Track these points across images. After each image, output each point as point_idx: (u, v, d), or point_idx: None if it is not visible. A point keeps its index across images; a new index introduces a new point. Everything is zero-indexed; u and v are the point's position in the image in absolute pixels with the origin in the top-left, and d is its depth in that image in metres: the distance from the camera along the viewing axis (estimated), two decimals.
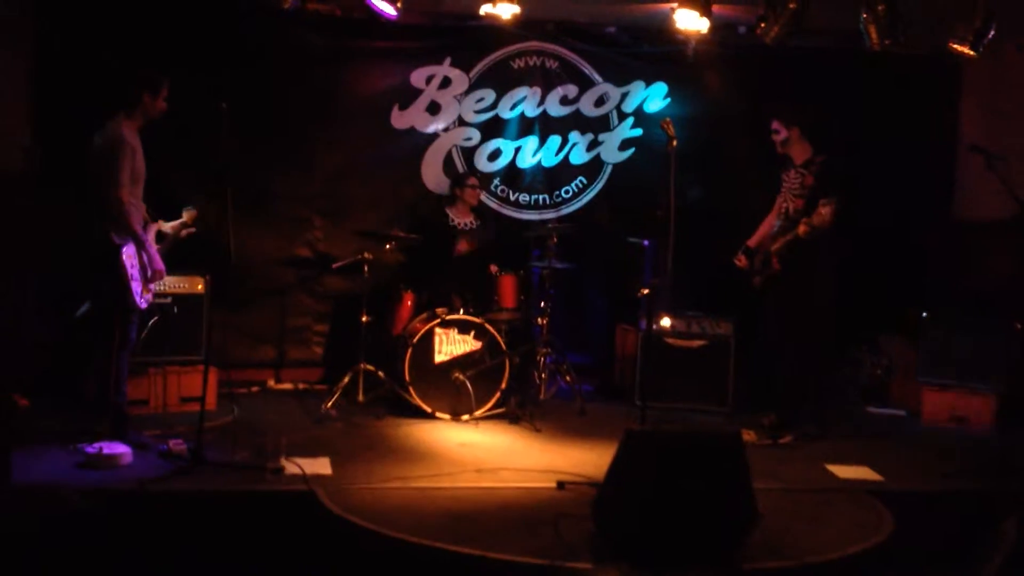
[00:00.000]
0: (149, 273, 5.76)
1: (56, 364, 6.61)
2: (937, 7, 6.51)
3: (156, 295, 6.22)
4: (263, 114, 7.33)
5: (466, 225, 7.64)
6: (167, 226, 6.13)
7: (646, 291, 6.17)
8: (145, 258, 5.74)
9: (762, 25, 6.59)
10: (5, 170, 6.73)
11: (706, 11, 6.41)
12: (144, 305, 5.83)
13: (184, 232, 6.17)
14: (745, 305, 7.03)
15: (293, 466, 5.34)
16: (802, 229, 6.16)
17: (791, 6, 6.38)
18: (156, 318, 6.47)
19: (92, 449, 5.31)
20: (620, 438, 4.56)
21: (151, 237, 5.89)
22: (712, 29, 6.80)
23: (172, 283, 6.66)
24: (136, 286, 5.70)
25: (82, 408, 5.93)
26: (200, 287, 6.83)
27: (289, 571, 4.72)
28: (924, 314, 7.47)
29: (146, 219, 5.91)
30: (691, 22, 6.56)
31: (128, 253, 5.65)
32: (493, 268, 7.34)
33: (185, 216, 6.19)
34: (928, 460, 6.27)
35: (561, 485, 5.28)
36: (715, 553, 4.36)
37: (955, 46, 6.53)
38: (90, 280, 5.91)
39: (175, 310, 6.69)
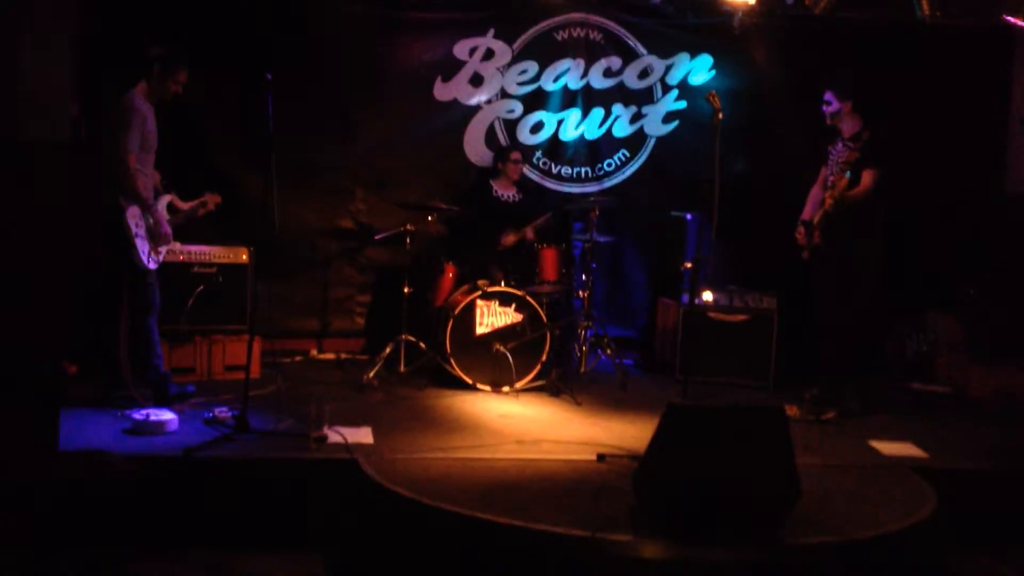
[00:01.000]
0: (157, 237, 5.83)
1: (101, 330, 6.71)
2: None
3: (201, 264, 6.29)
4: (306, 85, 7.36)
5: (509, 198, 7.64)
6: (184, 204, 6.18)
7: (689, 265, 6.15)
8: (151, 221, 5.80)
9: None
10: (52, 140, 6.81)
11: None
12: (153, 266, 5.86)
13: (201, 211, 6.23)
14: (789, 279, 6.98)
15: (336, 435, 5.39)
16: (828, 203, 6.09)
17: None
18: (201, 287, 6.54)
19: (139, 415, 5.40)
20: (661, 412, 4.55)
21: (161, 206, 5.94)
22: (759, 0, 6.71)
23: (217, 253, 6.73)
24: (143, 245, 5.75)
25: (115, 374, 6.01)
26: (244, 257, 6.89)
27: (331, 539, 4.79)
28: (972, 290, 7.36)
29: (158, 188, 5.97)
30: None
31: (132, 213, 5.72)
32: (529, 233, 7.34)
33: (207, 198, 6.24)
34: (973, 437, 6.19)
35: (601, 457, 5.29)
36: (756, 528, 4.35)
37: (1008, 17, 6.39)
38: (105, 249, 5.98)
39: (220, 280, 6.76)
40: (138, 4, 7.04)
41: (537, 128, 8.08)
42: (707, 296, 7.29)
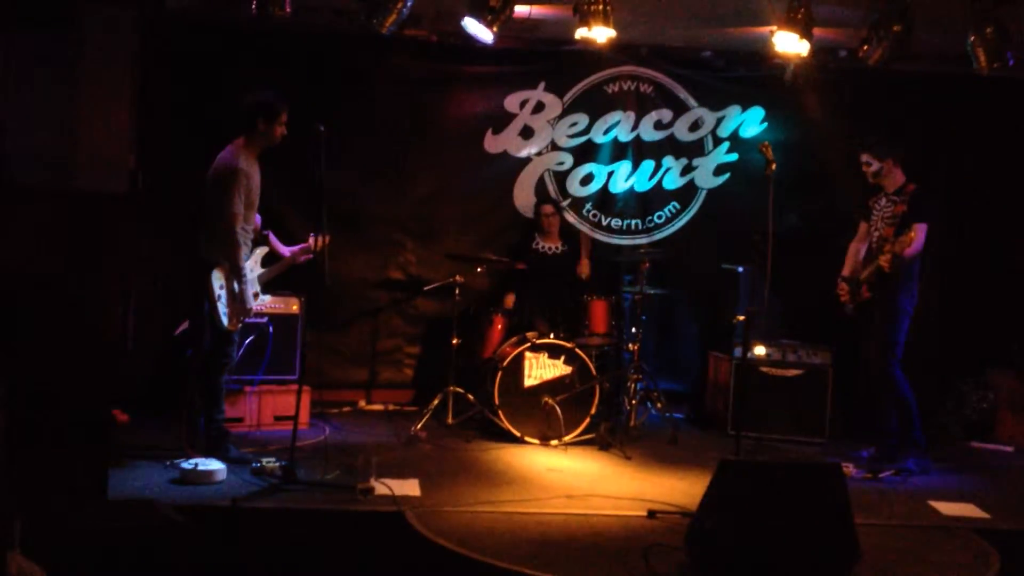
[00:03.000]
0: (237, 305, 5.77)
1: (155, 381, 6.76)
2: None
3: (254, 314, 6.30)
4: (358, 136, 7.45)
5: (551, 250, 7.63)
6: (286, 250, 6.15)
7: (741, 318, 6.07)
8: (236, 288, 5.76)
9: (865, 48, 6.45)
10: (111, 192, 6.93)
11: (807, 34, 6.29)
12: (236, 325, 5.86)
13: (303, 257, 6.14)
14: (843, 333, 6.86)
15: (383, 487, 5.35)
16: (885, 259, 6.00)
17: (895, 29, 6.23)
18: (252, 337, 6.57)
19: (187, 465, 5.40)
20: (714, 468, 4.46)
21: (253, 261, 5.94)
22: (812, 52, 6.67)
23: (268, 303, 6.77)
24: (223, 308, 5.74)
25: (179, 424, 6.04)
26: (295, 307, 6.92)
27: None
28: None
29: (256, 238, 5.97)
30: (791, 45, 6.44)
31: (217, 275, 5.72)
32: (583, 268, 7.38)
33: (310, 242, 6.11)
34: None
35: (652, 514, 5.19)
36: None
37: None
38: (188, 300, 6.02)
39: (271, 330, 6.79)
40: (196, 56, 7.18)
41: (587, 180, 8.08)
42: (759, 350, 7.19)
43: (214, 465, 5.43)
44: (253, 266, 5.93)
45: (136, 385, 6.53)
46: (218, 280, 5.72)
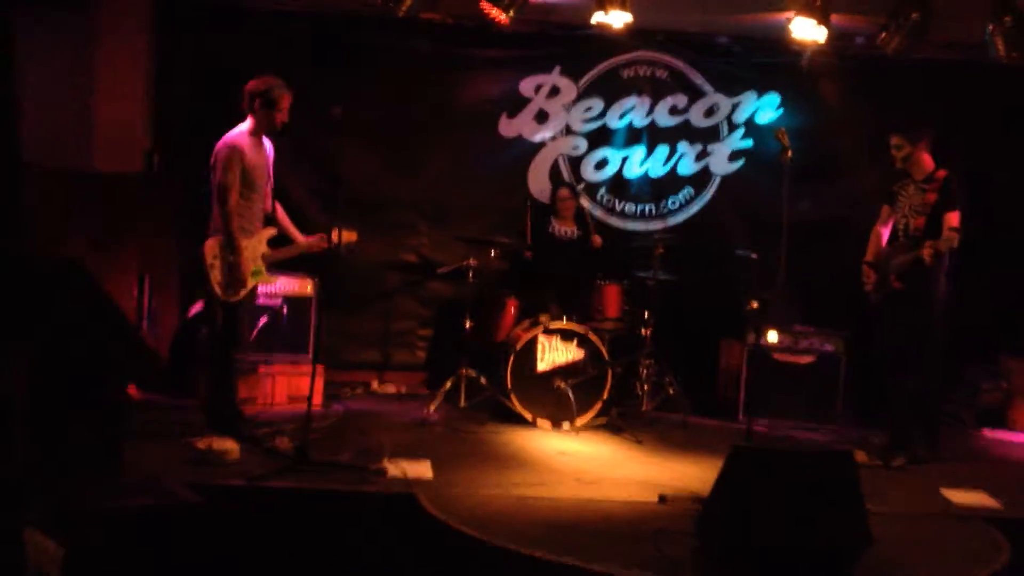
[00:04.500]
0: (232, 277, 5.78)
1: (171, 360, 6.80)
2: None
3: (268, 295, 6.33)
4: (373, 120, 7.44)
5: (566, 234, 7.63)
6: (301, 236, 6.12)
7: (755, 304, 6.07)
8: (231, 259, 5.75)
9: (883, 35, 6.43)
10: (126, 172, 6.97)
11: (824, 20, 6.27)
12: (234, 298, 5.82)
13: (318, 247, 6.09)
14: (856, 321, 6.84)
15: (395, 468, 5.37)
16: (927, 252, 5.92)
17: (914, 16, 6.21)
18: (266, 318, 6.60)
19: (202, 444, 5.43)
20: (726, 454, 4.46)
21: (257, 239, 5.93)
22: (829, 39, 6.64)
23: (282, 285, 6.79)
24: (219, 276, 5.75)
25: (193, 403, 6.08)
26: (309, 289, 6.94)
27: (387, 572, 4.75)
28: None
29: (265, 217, 5.99)
30: (808, 31, 6.43)
31: (210, 244, 5.73)
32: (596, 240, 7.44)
33: (332, 236, 5.92)
34: None
35: (663, 499, 5.20)
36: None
37: None
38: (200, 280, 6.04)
39: (285, 311, 6.81)
40: (210, 41, 7.19)
41: (601, 165, 8.07)
42: (772, 336, 7.18)
43: (228, 444, 5.45)
44: (256, 244, 5.92)
45: (152, 364, 6.56)
46: (211, 251, 5.74)
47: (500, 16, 6.53)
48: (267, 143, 5.97)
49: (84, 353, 4.62)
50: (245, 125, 5.85)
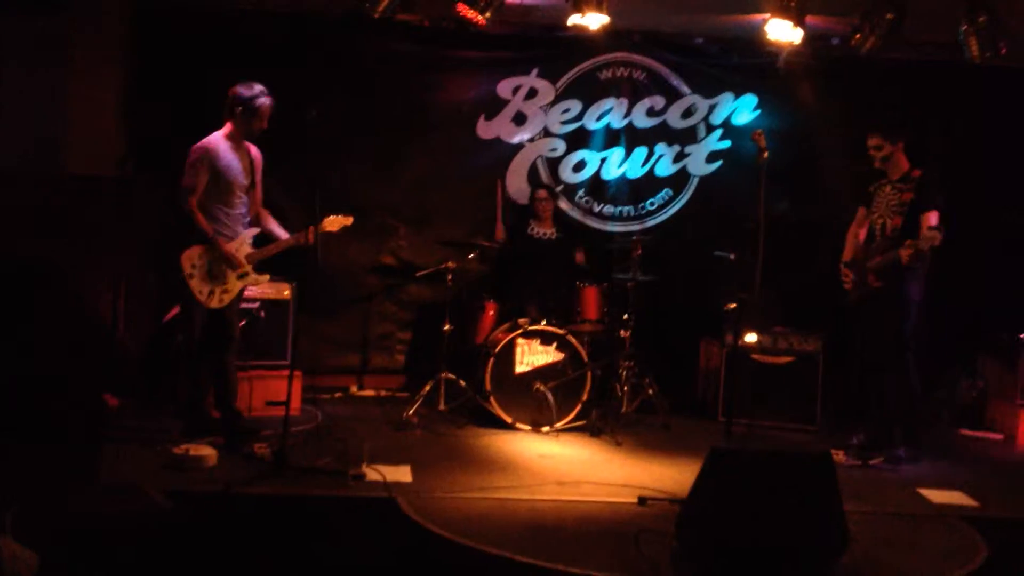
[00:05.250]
0: (214, 283, 5.80)
1: (145, 365, 6.75)
2: None
3: (244, 299, 6.29)
4: (350, 121, 7.41)
5: (545, 236, 7.63)
6: (284, 235, 6.08)
7: (733, 305, 6.08)
8: (216, 254, 5.77)
9: (857, 36, 6.46)
10: (99, 176, 6.91)
11: (800, 22, 6.30)
12: (216, 305, 5.84)
13: (305, 242, 5.99)
14: (834, 321, 6.87)
15: (374, 473, 5.36)
16: (907, 252, 5.94)
17: (888, 17, 6.25)
18: (244, 322, 6.56)
19: (178, 450, 5.39)
20: (704, 455, 4.47)
21: (239, 241, 5.92)
22: (804, 40, 6.67)
23: (260, 289, 6.75)
24: (199, 285, 5.75)
25: (171, 408, 6.04)
26: (287, 293, 6.89)
27: None
28: (1022, 335, 7.22)
29: (251, 221, 5.98)
30: (784, 33, 6.45)
31: (188, 255, 5.73)
32: (579, 257, 7.40)
33: (308, 233, 5.97)
34: None
35: (643, 501, 5.20)
36: None
37: None
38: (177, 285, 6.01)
39: (262, 315, 6.77)
40: (185, 44, 7.14)
41: (580, 167, 8.08)
42: (751, 337, 7.19)
43: (205, 450, 5.42)
44: (239, 246, 5.91)
45: (127, 370, 6.52)
46: (189, 261, 5.73)
47: (477, 18, 6.51)
48: (253, 148, 5.95)
49: (58, 358, 4.58)
50: (223, 129, 5.83)
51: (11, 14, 6.23)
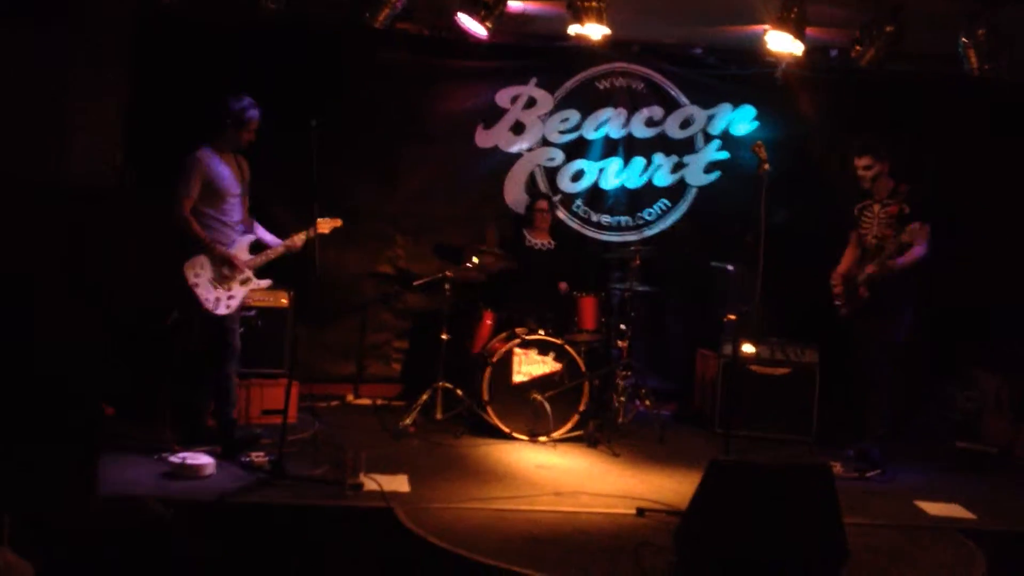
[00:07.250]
0: (227, 271, 5.86)
1: (142, 374, 6.72)
2: None
3: (242, 308, 6.28)
4: (349, 131, 7.40)
5: (542, 246, 7.63)
6: (276, 242, 6.14)
7: (731, 316, 6.08)
8: (217, 260, 5.83)
9: (857, 48, 6.48)
10: (99, 187, 6.90)
11: (800, 33, 6.31)
12: (223, 311, 5.87)
13: (300, 243, 6.13)
14: (831, 333, 6.88)
15: (372, 482, 5.34)
16: (891, 263, 5.98)
17: (887, 29, 6.27)
18: (241, 330, 6.54)
19: (176, 459, 5.38)
20: (702, 466, 4.47)
21: (238, 248, 5.93)
22: (803, 52, 6.69)
23: (257, 297, 6.73)
24: (206, 293, 5.79)
25: (168, 417, 6.02)
26: (284, 301, 6.88)
27: None
28: (1018, 348, 7.23)
29: (244, 226, 6.00)
30: (784, 44, 6.46)
31: (191, 264, 5.78)
32: (562, 286, 7.31)
33: (306, 233, 6.11)
34: (1022, 499, 6.03)
35: (641, 512, 5.20)
36: None
37: None
38: (175, 293, 6.02)
39: (259, 323, 6.75)
40: (186, 55, 7.12)
41: (578, 176, 8.08)
42: (748, 348, 7.19)
43: (202, 459, 5.41)
44: (238, 253, 5.93)
45: (123, 379, 6.49)
46: (191, 270, 5.78)
47: (478, 32, 6.52)
48: (242, 158, 6.00)
49: (55, 367, 4.57)
50: (213, 139, 5.91)
51: (11, 24, 6.21)
